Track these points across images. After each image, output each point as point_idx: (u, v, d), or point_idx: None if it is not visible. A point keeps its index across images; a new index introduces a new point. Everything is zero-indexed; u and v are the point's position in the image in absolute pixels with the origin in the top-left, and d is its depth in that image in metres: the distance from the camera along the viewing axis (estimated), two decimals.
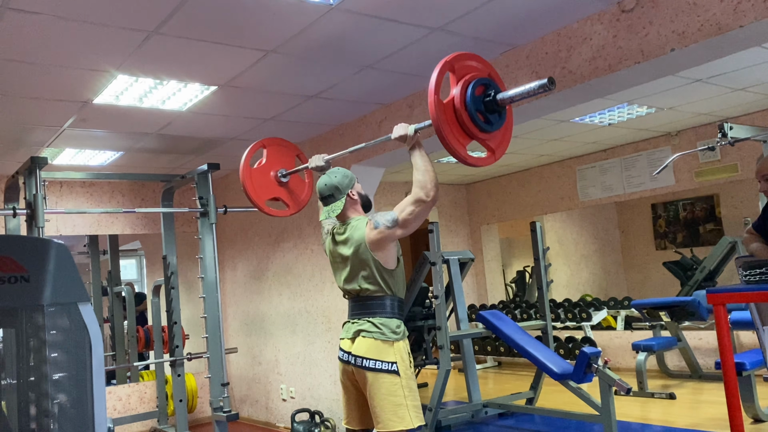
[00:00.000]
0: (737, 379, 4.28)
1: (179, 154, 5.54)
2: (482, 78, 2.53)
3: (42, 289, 2.36)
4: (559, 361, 4.87)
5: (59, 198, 5.83)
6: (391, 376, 2.75)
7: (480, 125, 2.50)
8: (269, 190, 3.60)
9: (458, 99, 2.45)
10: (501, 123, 2.58)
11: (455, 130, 2.47)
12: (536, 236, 5.80)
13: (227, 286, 6.71)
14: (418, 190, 2.67)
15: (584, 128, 6.18)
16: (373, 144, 3.13)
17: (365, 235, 2.83)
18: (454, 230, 9.01)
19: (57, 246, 2.42)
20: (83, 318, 2.42)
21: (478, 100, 2.49)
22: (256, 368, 6.27)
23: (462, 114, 2.46)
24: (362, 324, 2.85)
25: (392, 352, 2.77)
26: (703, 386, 6.12)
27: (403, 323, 2.88)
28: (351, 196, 2.97)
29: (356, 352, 2.82)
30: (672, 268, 8.01)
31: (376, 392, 2.77)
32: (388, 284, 2.86)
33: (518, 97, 2.45)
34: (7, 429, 2.41)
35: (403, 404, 2.74)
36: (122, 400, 6.05)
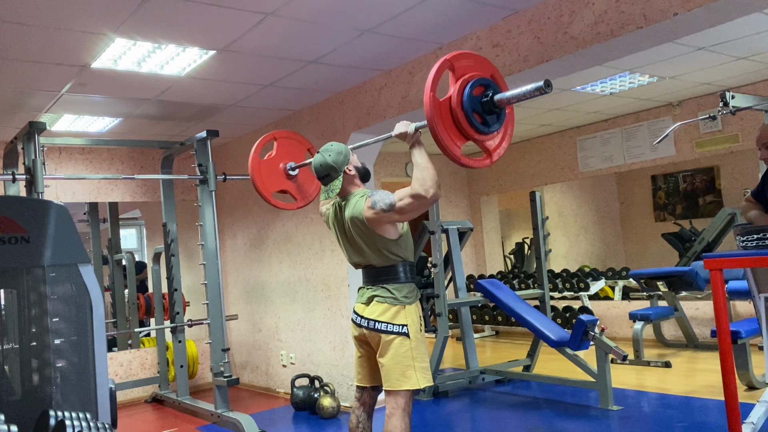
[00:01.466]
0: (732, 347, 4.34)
1: (178, 120, 5.51)
2: (482, 78, 2.49)
3: (42, 250, 2.37)
4: (556, 329, 4.92)
5: (58, 164, 5.82)
6: (401, 338, 2.81)
7: (476, 126, 2.46)
8: (277, 183, 3.60)
9: (455, 98, 2.42)
10: (499, 124, 2.55)
11: (450, 130, 2.44)
12: (535, 206, 5.81)
13: (227, 255, 6.74)
14: (418, 187, 2.66)
15: (585, 97, 6.14)
16: (374, 142, 3.14)
17: (363, 212, 2.84)
18: (454, 201, 9.01)
19: (57, 207, 2.43)
20: (84, 279, 2.44)
21: (475, 100, 2.45)
22: (256, 335, 6.32)
23: (458, 113, 2.42)
24: (376, 290, 2.90)
25: (403, 315, 2.83)
26: (698, 355, 6.19)
27: (415, 287, 2.94)
28: (348, 172, 2.97)
29: (369, 315, 2.88)
30: (671, 239, 8.04)
31: (386, 353, 2.84)
32: (394, 252, 2.88)
33: (515, 99, 2.43)
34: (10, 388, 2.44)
35: (411, 365, 2.80)
36: (123, 366, 6.11)
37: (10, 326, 2.46)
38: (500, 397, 5.18)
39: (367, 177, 3.09)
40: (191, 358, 6.11)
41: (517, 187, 8.66)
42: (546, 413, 4.60)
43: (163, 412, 5.62)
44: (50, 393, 2.35)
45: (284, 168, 3.59)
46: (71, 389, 2.40)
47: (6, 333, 2.46)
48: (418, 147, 2.72)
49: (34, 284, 2.39)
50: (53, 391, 2.36)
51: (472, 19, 3.69)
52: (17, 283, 2.40)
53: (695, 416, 4.20)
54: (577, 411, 4.56)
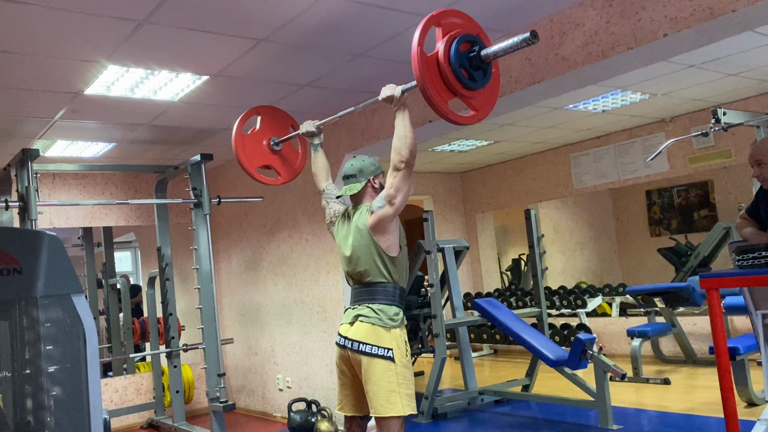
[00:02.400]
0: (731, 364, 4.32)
1: (172, 144, 5.51)
2: (468, 34, 2.49)
3: (35, 282, 2.35)
4: (555, 348, 4.90)
5: (52, 190, 5.81)
6: (385, 362, 2.75)
7: (464, 81, 2.46)
8: (261, 158, 3.55)
9: (442, 53, 2.42)
10: (486, 81, 2.54)
11: (438, 86, 2.44)
12: (531, 224, 5.81)
13: (222, 277, 6.71)
14: (394, 156, 2.68)
15: (578, 115, 6.17)
16: (362, 107, 3.11)
17: (367, 221, 2.85)
18: (449, 218, 9.01)
19: (49, 238, 2.41)
20: (77, 310, 2.41)
21: (462, 55, 2.45)
22: (252, 358, 6.27)
23: (445, 68, 2.42)
24: (361, 309, 2.86)
25: (388, 339, 2.78)
26: (697, 371, 6.16)
27: (402, 312, 2.88)
28: (372, 183, 2.99)
29: (353, 337, 2.83)
30: (667, 254, 8.05)
31: (370, 377, 2.78)
32: (389, 271, 2.86)
33: (502, 52, 2.42)
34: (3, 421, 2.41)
35: (395, 391, 2.74)
36: (119, 392, 6.05)
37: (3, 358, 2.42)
38: (500, 418, 5.14)
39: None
40: (187, 383, 6.05)
41: (512, 204, 8.67)
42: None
43: None
44: (43, 425, 2.31)
45: (268, 143, 3.55)
46: (64, 421, 2.37)
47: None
48: (402, 111, 2.72)
49: (26, 316, 2.37)
50: (46, 423, 2.32)
51: None
52: (10, 314, 2.37)
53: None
54: (577, 431, 4.52)
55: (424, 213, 5.37)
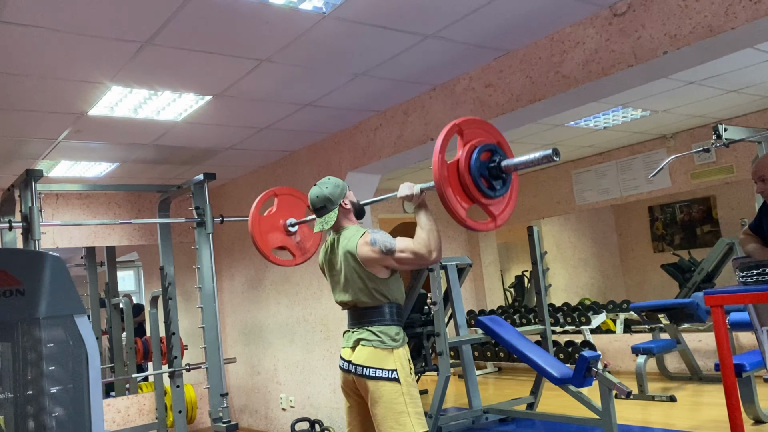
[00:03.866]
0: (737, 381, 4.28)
1: (175, 164, 5.54)
2: (489, 144, 2.55)
3: (37, 302, 2.35)
4: (559, 366, 4.86)
5: (56, 210, 5.82)
6: (391, 384, 2.74)
7: (483, 190, 2.51)
8: (277, 239, 3.61)
9: (463, 161, 2.47)
10: (504, 190, 2.59)
11: (457, 192, 2.48)
12: (533, 240, 5.80)
13: (225, 296, 6.70)
14: (422, 247, 2.71)
15: (579, 132, 6.19)
16: (380, 200, 3.22)
17: (357, 247, 2.81)
18: (452, 236, 9.00)
19: (52, 258, 2.41)
20: (79, 330, 2.41)
21: (483, 165, 2.50)
22: (255, 378, 6.24)
23: (465, 176, 2.47)
24: (361, 333, 2.84)
25: (392, 360, 2.76)
26: (703, 388, 6.11)
27: (402, 330, 2.87)
28: (343, 205, 2.96)
29: (356, 361, 2.81)
30: (670, 270, 8.01)
31: (377, 400, 2.77)
32: (382, 293, 2.84)
33: (522, 166, 2.49)
34: None
35: (404, 411, 2.73)
36: (121, 412, 6.02)
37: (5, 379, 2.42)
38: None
39: (362, 214, 3.08)
40: (190, 403, 6.02)
41: (514, 222, 8.65)
42: None
43: None
44: None
45: (284, 224, 3.60)
46: None
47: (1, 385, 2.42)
48: (424, 209, 2.77)
49: (29, 336, 2.36)
50: None
51: (465, 61, 3.74)
52: (12, 335, 2.37)
53: None
54: None
55: None
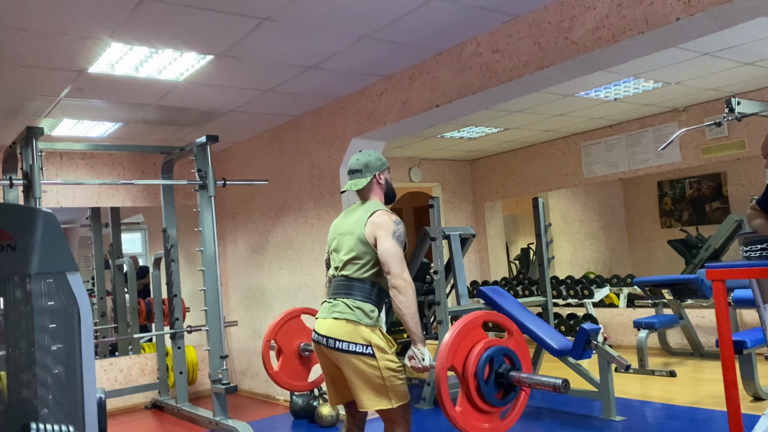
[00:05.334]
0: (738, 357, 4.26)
1: (178, 126, 5.49)
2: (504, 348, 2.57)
3: (29, 258, 2.33)
4: (559, 338, 4.85)
5: (59, 170, 5.81)
6: (366, 358, 2.70)
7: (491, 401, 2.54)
8: (302, 374, 3.65)
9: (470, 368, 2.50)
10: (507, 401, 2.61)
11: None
12: (538, 212, 5.75)
13: (228, 260, 6.70)
14: (398, 290, 2.70)
15: (589, 103, 6.08)
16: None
17: (372, 219, 2.83)
18: (458, 206, 8.95)
19: (44, 215, 2.38)
20: (71, 288, 2.39)
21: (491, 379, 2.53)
22: (256, 342, 6.28)
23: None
24: (337, 304, 2.82)
25: (366, 334, 2.73)
26: (704, 364, 6.10)
27: (377, 311, 2.83)
28: (378, 178, 2.97)
29: (327, 333, 2.78)
30: (677, 246, 7.95)
31: (351, 374, 2.75)
32: (372, 269, 2.82)
33: (529, 383, 2.51)
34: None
35: (381, 385, 2.70)
36: (123, 372, 6.08)
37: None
38: None
39: (391, 199, 3.04)
40: (191, 365, 6.07)
41: (521, 193, 8.59)
42: (548, 423, 4.53)
43: (163, 418, 5.58)
44: (35, 404, 2.30)
45: (298, 352, 3.61)
46: (57, 400, 2.36)
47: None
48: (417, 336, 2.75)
49: (20, 293, 2.35)
50: (38, 401, 2.31)
51: (473, 25, 3.64)
52: (3, 291, 2.36)
53: (700, 428, 4.12)
54: (580, 421, 4.48)
55: (430, 200, 5.32)
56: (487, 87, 3.77)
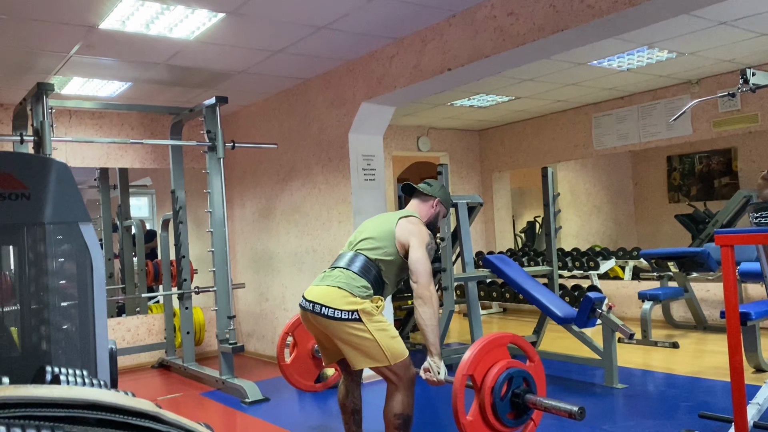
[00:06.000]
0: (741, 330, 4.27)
1: (188, 87, 5.47)
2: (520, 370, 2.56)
3: (43, 208, 2.35)
4: (563, 306, 4.88)
5: (68, 128, 5.81)
6: (353, 323, 2.70)
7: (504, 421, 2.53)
8: (312, 372, 3.69)
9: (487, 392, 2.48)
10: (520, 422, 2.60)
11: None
12: (547, 182, 5.74)
13: (236, 224, 6.74)
14: (420, 294, 2.72)
15: (602, 73, 6.02)
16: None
17: (408, 221, 2.89)
18: (465, 177, 8.94)
19: (58, 164, 2.40)
20: (84, 238, 2.42)
21: (506, 397, 2.51)
22: (263, 304, 6.34)
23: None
24: (332, 273, 2.84)
25: (353, 302, 2.72)
26: (707, 337, 6.13)
27: (371, 290, 2.79)
28: (436, 204, 3.07)
29: (315, 299, 2.77)
30: (684, 221, 7.94)
31: (339, 340, 2.77)
32: (384, 257, 2.84)
33: (543, 406, 2.49)
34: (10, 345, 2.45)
35: (373, 346, 2.71)
36: (131, 331, 6.16)
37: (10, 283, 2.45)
38: None
39: (432, 228, 3.07)
40: (198, 326, 6.14)
41: (530, 164, 8.56)
42: (550, 389, 4.54)
43: (169, 377, 5.67)
44: (49, 351, 2.35)
45: (311, 353, 3.63)
46: (70, 348, 2.40)
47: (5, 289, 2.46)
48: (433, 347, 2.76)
49: (34, 242, 2.38)
50: (52, 348, 2.35)
51: None
52: (17, 240, 2.38)
53: (701, 396, 4.16)
54: (582, 388, 4.53)
55: (439, 166, 5.31)
56: (500, 51, 3.73)
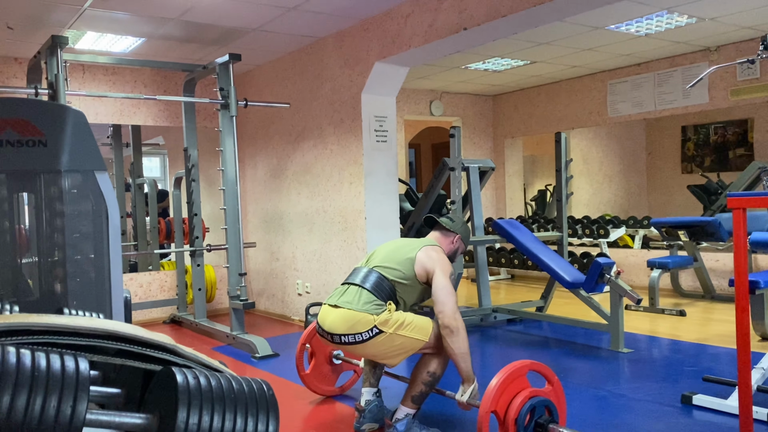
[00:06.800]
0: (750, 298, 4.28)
1: (201, 44, 5.45)
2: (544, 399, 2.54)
3: (59, 155, 2.38)
4: (572, 270, 4.90)
5: (82, 83, 5.82)
6: (375, 338, 2.73)
7: None
8: (331, 379, 3.69)
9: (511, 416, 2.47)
10: None
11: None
12: (560, 147, 5.71)
13: (247, 184, 6.77)
14: (450, 328, 2.68)
15: (619, 38, 5.93)
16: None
17: (432, 249, 2.91)
18: (477, 142, 8.90)
19: (74, 112, 2.42)
20: (100, 186, 2.45)
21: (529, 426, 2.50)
22: (273, 264, 6.41)
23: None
24: (347, 292, 2.84)
25: (369, 322, 2.72)
26: (714, 306, 6.15)
27: (384, 309, 2.78)
28: (453, 240, 3.10)
29: (332, 330, 2.79)
30: (696, 191, 7.89)
31: (368, 353, 2.82)
32: (400, 279, 2.85)
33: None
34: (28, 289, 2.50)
35: (403, 342, 2.75)
36: (143, 287, 6.25)
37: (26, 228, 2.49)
38: (511, 335, 5.22)
39: (451, 260, 3.05)
40: (209, 283, 6.22)
41: (543, 131, 8.51)
42: (555, 352, 4.63)
43: (181, 332, 5.76)
44: (65, 295, 2.40)
45: (329, 358, 3.64)
46: (87, 292, 2.45)
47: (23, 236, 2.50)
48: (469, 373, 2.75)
49: (50, 188, 2.41)
50: (69, 292, 2.40)
51: None
52: (34, 186, 2.42)
53: (705, 362, 4.19)
54: (587, 351, 4.58)
55: (451, 129, 5.29)
56: (517, 10, 3.69)
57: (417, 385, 2.82)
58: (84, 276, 2.48)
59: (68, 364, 0.97)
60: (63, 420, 0.93)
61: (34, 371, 0.93)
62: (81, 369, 0.98)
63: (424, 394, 2.83)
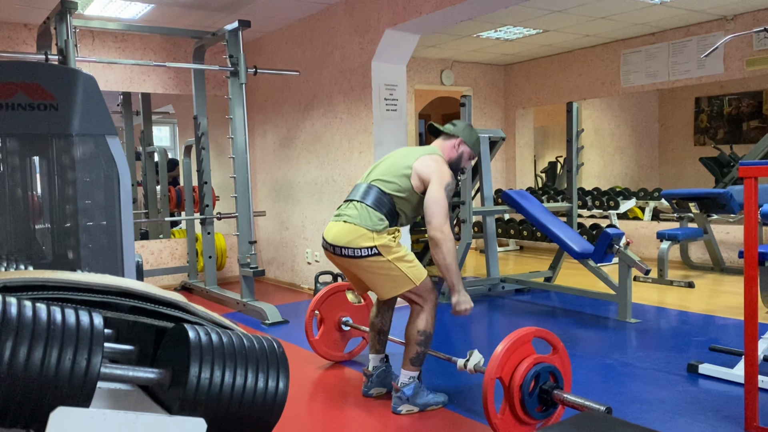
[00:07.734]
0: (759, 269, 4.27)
1: (210, 10, 5.41)
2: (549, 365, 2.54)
3: (70, 119, 2.39)
4: (581, 241, 4.90)
5: (91, 50, 5.81)
6: (373, 258, 2.77)
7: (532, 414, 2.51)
8: (339, 343, 3.72)
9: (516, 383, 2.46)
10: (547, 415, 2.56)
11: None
12: (571, 117, 5.66)
13: (257, 153, 6.77)
14: (436, 238, 2.73)
15: (633, 5, 5.83)
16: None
17: (431, 159, 2.86)
18: (488, 113, 8.83)
19: (85, 77, 2.42)
20: (111, 151, 2.46)
21: (534, 392, 2.49)
22: (283, 233, 6.44)
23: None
24: (348, 207, 2.87)
25: (371, 238, 2.76)
26: (723, 278, 6.14)
27: (386, 224, 2.81)
28: (459, 144, 2.99)
29: (334, 241, 2.83)
30: (708, 164, 7.82)
31: (363, 274, 2.85)
32: (399, 192, 2.85)
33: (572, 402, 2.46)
34: (41, 252, 2.53)
35: (396, 275, 2.79)
36: (154, 255, 6.31)
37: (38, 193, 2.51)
38: (518, 305, 5.25)
39: (454, 169, 3.00)
40: (219, 251, 6.27)
41: (555, 101, 8.43)
42: (563, 321, 4.65)
43: (192, 299, 5.80)
44: (78, 258, 2.43)
45: (338, 325, 3.67)
46: (99, 256, 2.48)
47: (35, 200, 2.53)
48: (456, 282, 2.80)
49: (62, 153, 2.43)
50: (81, 256, 2.43)
51: None
52: (45, 151, 2.43)
53: (713, 332, 4.21)
54: (595, 321, 4.60)
55: (462, 97, 5.25)
56: None
57: (411, 346, 2.87)
58: (96, 238, 2.51)
59: (83, 318, 0.99)
60: (78, 372, 0.95)
61: (50, 325, 0.95)
62: (95, 323, 1.00)
63: (421, 354, 2.88)
